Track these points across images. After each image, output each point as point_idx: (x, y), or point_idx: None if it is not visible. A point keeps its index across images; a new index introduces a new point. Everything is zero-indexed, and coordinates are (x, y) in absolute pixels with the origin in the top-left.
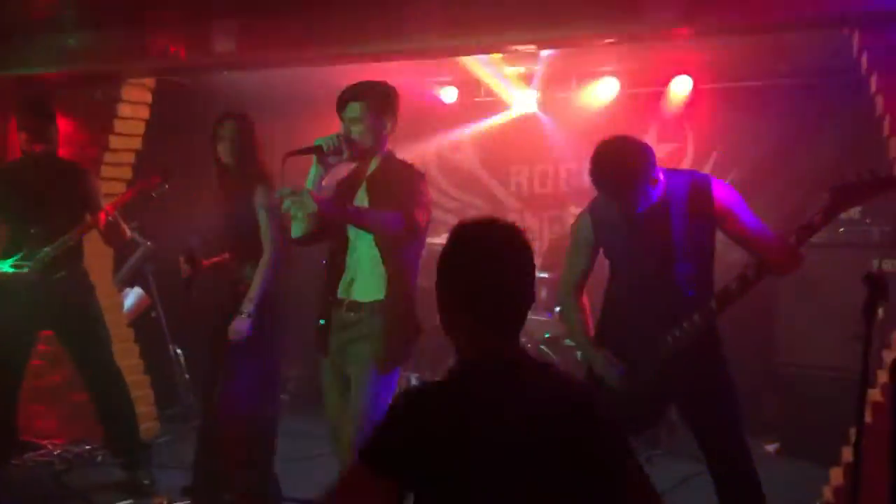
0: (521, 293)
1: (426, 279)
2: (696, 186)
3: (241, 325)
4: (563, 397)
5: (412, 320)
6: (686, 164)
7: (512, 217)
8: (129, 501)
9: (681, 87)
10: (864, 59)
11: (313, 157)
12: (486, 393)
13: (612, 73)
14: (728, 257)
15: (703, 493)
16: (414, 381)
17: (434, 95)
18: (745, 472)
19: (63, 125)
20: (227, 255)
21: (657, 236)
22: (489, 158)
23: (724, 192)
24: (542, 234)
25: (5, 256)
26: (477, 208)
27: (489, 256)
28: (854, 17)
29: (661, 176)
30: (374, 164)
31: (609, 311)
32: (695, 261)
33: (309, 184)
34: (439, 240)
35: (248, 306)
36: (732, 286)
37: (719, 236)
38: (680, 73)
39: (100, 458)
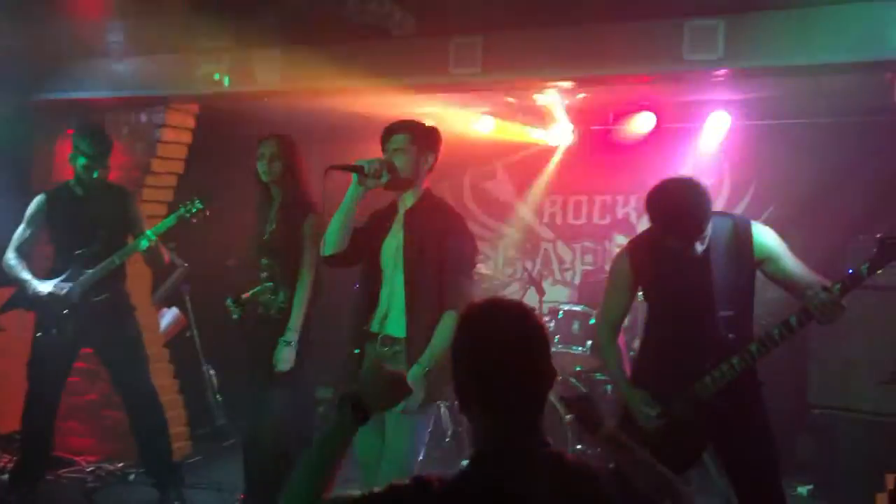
0: (532, 380)
1: None
2: (738, 230)
3: (287, 354)
4: (571, 495)
5: (445, 355)
6: (722, 201)
7: (544, 247)
8: None
9: (718, 123)
10: None
11: (353, 177)
12: (490, 493)
13: (649, 108)
14: (765, 295)
15: None
16: (444, 409)
17: (470, 125)
18: None
19: None
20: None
21: (698, 279)
22: (523, 188)
23: (765, 237)
24: (575, 266)
25: (50, 277)
26: (510, 238)
27: (494, 340)
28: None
29: None
30: (411, 198)
31: (647, 351)
32: (735, 304)
33: (346, 203)
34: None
35: (291, 336)
36: (774, 333)
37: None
38: (717, 109)
39: (132, 477)
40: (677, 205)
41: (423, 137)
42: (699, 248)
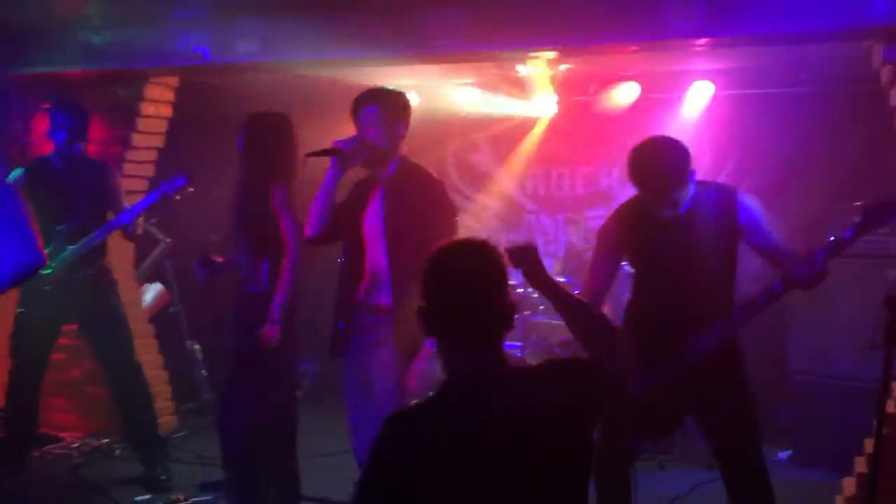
0: (490, 307)
1: None
2: (723, 198)
3: (271, 331)
4: (549, 396)
5: None
6: (703, 170)
7: (527, 219)
8: (146, 496)
9: (700, 93)
10: (884, 72)
11: (330, 159)
12: (464, 410)
13: (632, 78)
14: (747, 263)
15: (715, 500)
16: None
17: (452, 97)
18: (759, 483)
19: None
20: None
21: (683, 246)
22: (506, 160)
23: (749, 206)
24: (558, 237)
25: None
26: (492, 209)
27: (455, 276)
28: (876, 32)
29: (692, 185)
30: (389, 168)
31: (631, 318)
32: (719, 271)
33: (326, 185)
34: None
35: (275, 312)
36: (759, 299)
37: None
38: (700, 79)
39: (118, 452)
40: (644, 159)
41: (393, 106)
42: (668, 213)
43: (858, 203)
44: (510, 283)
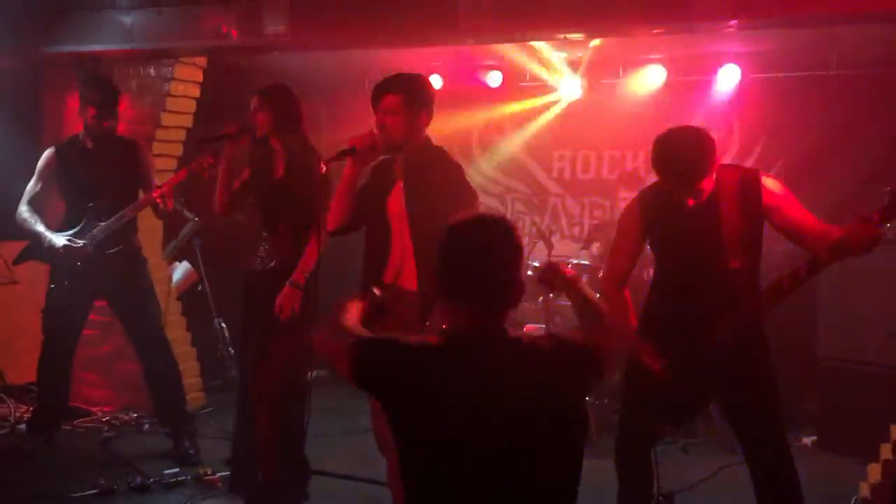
0: (500, 279)
1: None
2: (746, 181)
3: (292, 297)
4: (529, 367)
5: None
6: (732, 154)
7: (553, 202)
8: (174, 470)
9: (728, 77)
10: None
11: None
12: (462, 360)
13: (660, 61)
14: (772, 249)
15: (738, 484)
16: None
17: (479, 79)
18: (784, 467)
19: None
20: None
21: (707, 230)
22: (532, 143)
23: (772, 187)
24: (583, 220)
25: (62, 230)
26: (519, 192)
27: (471, 246)
28: None
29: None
30: (409, 152)
31: (654, 303)
32: (744, 256)
33: (347, 181)
34: None
35: (298, 276)
36: (785, 283)
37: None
38: (728, 63)
39: (146, 427)
40: (670, 150)
41: (416, 96)
42: (692, 200)
43: (888, 188)
44: (533, 263)
